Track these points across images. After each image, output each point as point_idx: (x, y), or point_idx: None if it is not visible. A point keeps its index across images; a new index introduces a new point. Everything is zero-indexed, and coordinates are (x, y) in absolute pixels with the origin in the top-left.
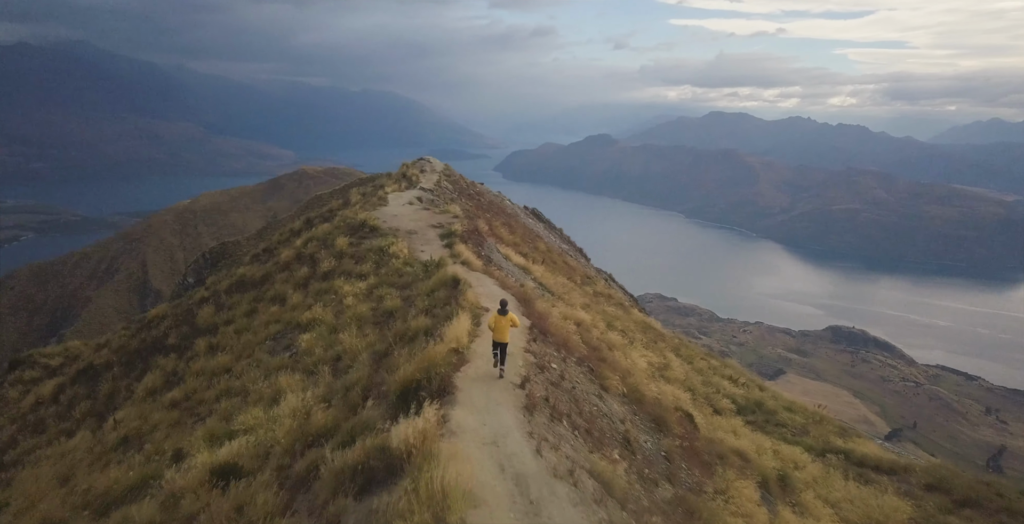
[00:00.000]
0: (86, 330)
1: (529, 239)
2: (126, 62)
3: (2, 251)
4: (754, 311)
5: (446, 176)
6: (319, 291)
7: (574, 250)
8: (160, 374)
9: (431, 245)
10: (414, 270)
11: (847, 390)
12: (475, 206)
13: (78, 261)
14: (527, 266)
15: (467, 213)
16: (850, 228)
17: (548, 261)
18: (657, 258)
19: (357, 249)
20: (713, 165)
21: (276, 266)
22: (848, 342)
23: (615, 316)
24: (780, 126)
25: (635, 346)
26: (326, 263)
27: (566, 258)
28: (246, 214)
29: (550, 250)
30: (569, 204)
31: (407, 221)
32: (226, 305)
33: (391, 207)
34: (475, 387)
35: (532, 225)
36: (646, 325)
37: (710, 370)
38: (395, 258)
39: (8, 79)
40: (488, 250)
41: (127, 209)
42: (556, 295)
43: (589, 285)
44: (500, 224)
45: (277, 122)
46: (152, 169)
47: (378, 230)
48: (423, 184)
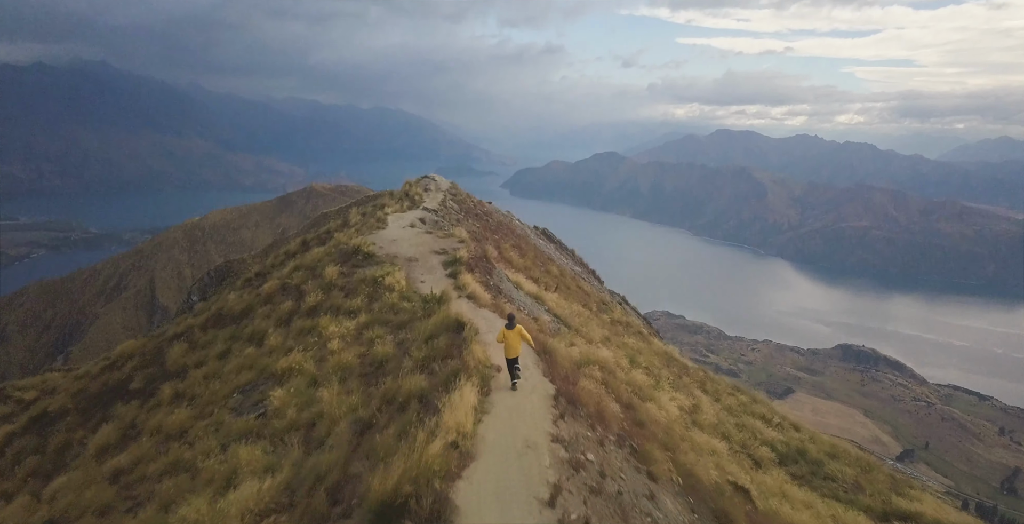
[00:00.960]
0: (93, 347)
1: (540, 262)
2: (143, 80)
3: (14, 268)
4: (763, 329)
5: (451, 195)
6: (302, 330)
7: (587, 272)
8: (117, 427)
9: (433, 274)
10: (412, 306)
11: (858, 409)
12: (483, 227)
13: (87, 278)
14: (540, 295)
15: (474, 235)
16: (860, 245)
17: (561, 286)
18: (666, 275)
19: (348, 280)
20: (723, 182)
21: (258, 298)
22: (858, 361)
23: (636, 349)
24: (788, 144)
25: (662, 386)
26: (312, 296)
27: (579, 282)
28: (255, 231)
29: (563, 274)
30: (577, 221)
31: (407, 246)
32: (200, 343)
33: (390, 230)
34: (484, 506)
35: (543, 246)
36: (668, 356)
37: (739, 407)
38: (390, 291)
39: (26, 98)
40: (497, 279)
41: (141, 225)
42: (573, 328)
43: (606, 312)
44: (509, 246)
45: (290, 139)
46: (167, 185)
47: (373, 257)
48: (427, 204)
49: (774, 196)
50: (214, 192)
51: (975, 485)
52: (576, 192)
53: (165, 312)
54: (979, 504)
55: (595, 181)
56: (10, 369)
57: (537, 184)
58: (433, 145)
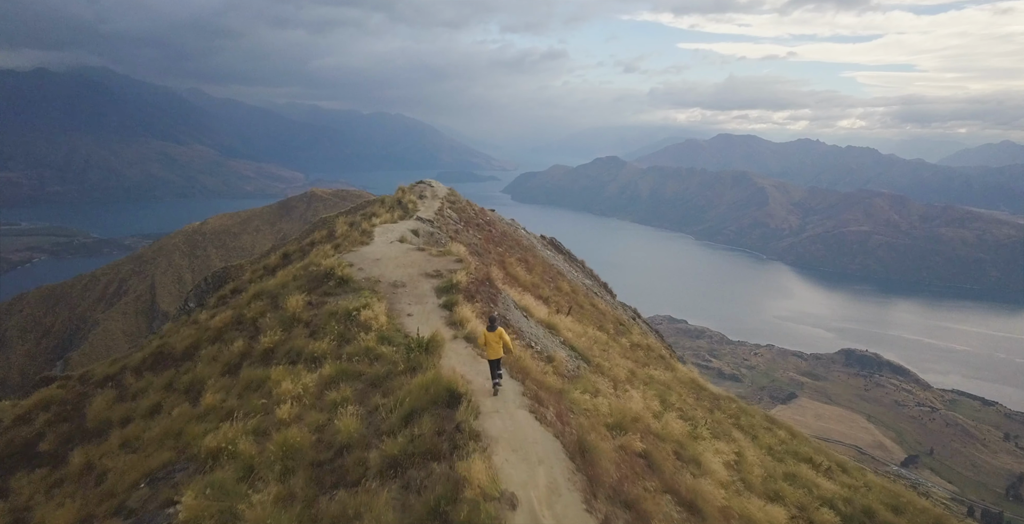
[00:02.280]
0: (93, 353)
1: (550, 277)
2: (145, 87)
3: (14, 273)
4: (765, 334)
5: (450, 203)
6: (249, 384)
7: (598, 285)
8: (4, 510)
9: (423, 304)
10: (393, 352)
11: (861, 414)
12: (485, 238)
13: (87, 283)
14: (553, 323)
15: (474, 249)
16: (862, 250)
17: (574, 306)
18: (667, 280)
19: (316, 313)
20: (724, 187)
21: (206, 334)
22: (861, 366)
23: (664, 382)
24: (789, 148)
25: (701, 433)
26: (269, 336)
27: (593, 299)
28: (256, 236)
29: (575, 290)
30: (578, 226)
31: (393, 267)
32: (131, 392)
33: (375, 246)
34: None
35: (551, 258)
36: (695, 385)
37: (781, 448)
38: (366, 330)
39: (28, 104)
40: (503, 307)
41: (142, 231)
42: (594, 364)
43: (624, 334)
44: (515, 261)
45: (291, 145)
46: (168, 191)
47: (350, 283)
48: (421, 213)
49: (775, 201)
50: (215, 198)
51: (980, 491)
52: (577, 197)
53: (166, 317)
54: (985, 510)
55: (596, 186)
56: (10, 374)
57: (538, 189)
58: (434, 150)
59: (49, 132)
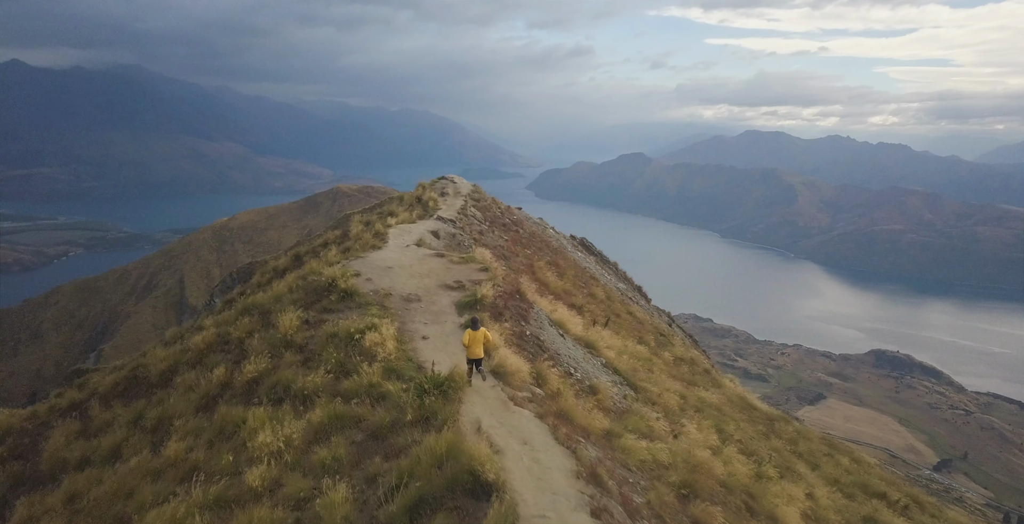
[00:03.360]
0: (124, 346)
1: (582, 282)
2: (177, 85)
3: (51, 267)
4: (792, 333)
5: (474, 201)
6: (223, 427)
7: (632, 289)
8: None
9: (442, 325)
10: (401, 392)
11: (892, 417)
12: (512, 240)
13: (119, 277)
14: (591, 341)
15: (500, 251)
16: (894, 249)
17: (611, 315)
18: (693, 278)
19: (313, 334)
20: (752, 184)
21: (186, 356)
22: (892, 367)
23: (718, 407)
24: (819, 145)
25: (767, 473)
26: (254, 363)
27: (630, 306)
28: (282, 231)
29: (609, 297)
30: (603, 223)
31: (407, 277)
32: (96, 424)
33: (388, 250)
34: None
35: (582, 260)
36: (746, 404)
37: (848, 479)
38: (371, 359)
39: (66, 102)
40: (536, 325)
41: (173, 226)
42: (641, 390)
43: (666, 347)
44: (545, 264)
45: (318, 141)
46: (198, 187)
47: (355, 296)
48: (442, 212)
49: (804, 199)
50: (244, 194)
51: (1017, 498)
52: (602, 194)
53: (194, 311)
54: (1021, 517)
55: (621, 183)
56: (45, 365)
57: (562, 186)
58: (459, 147)
59: (85, 129)
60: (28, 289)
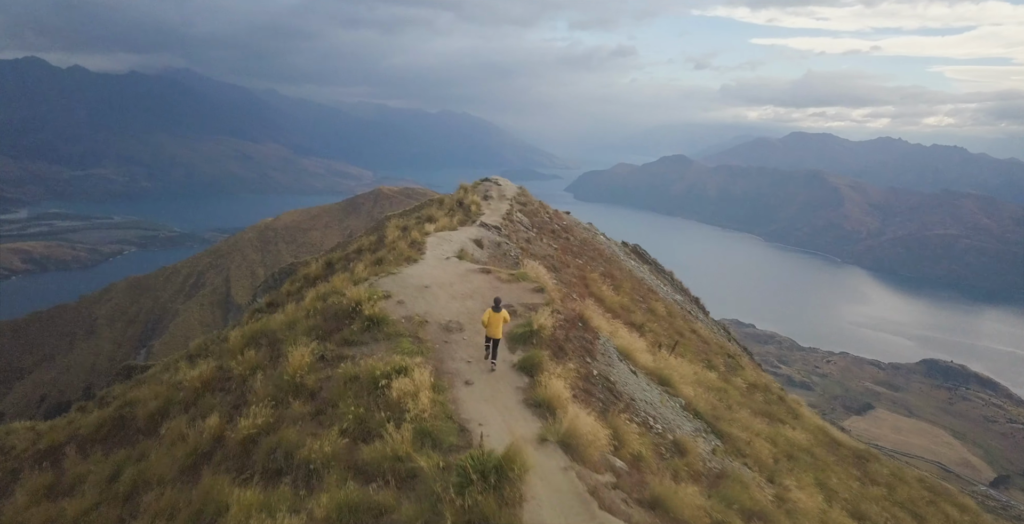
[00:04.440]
0: (172, 342)
1: (640, 296)
2: (224, 88)
3: (106, 265)
4: (839, 340)
5: (520, 204)
6: (202, 509)
7: (690, 301)
8: None
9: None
10: (436, 470)
11: (944, 429)
12: (562, 248)
13: (169, 275)
14: (664, 375)
15: (550, 261)
16: (947, 255)
17: (675, 334)
18: (735, 282)
19: (329, 375)
20: (796, 187)
21: (180, 396)
22: (945, 377)
23: (808, 450)
24: (868, 147)
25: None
26: (253, 414)
27: (693, 324)
28: (324, 232)
29: (671, 313)
30: (643, 225)
31: (447, 299)
32: (68, 479)
33: (425, 264)
34: None
35: (636, 269)
36: (831, 440)
37: None
38: (397, 414)
39: (122, 105)
40: (605, 362)
41: (219, 225)
42: (726, 437)
43: (737, 372)
44: (599, 276)
45: (359, 143)
46: (243, 187)
47: (384, 324)
48: (486, 217)
49: (851, 202)
50: (287, 194)
51: None
52: (641, 196)
53: (240, 310)
54: None
55: (661, 184)
56: (99, 360)
57: (601, 188)
58: (498, 149)
59: (139, 131)
60: (85, 285)
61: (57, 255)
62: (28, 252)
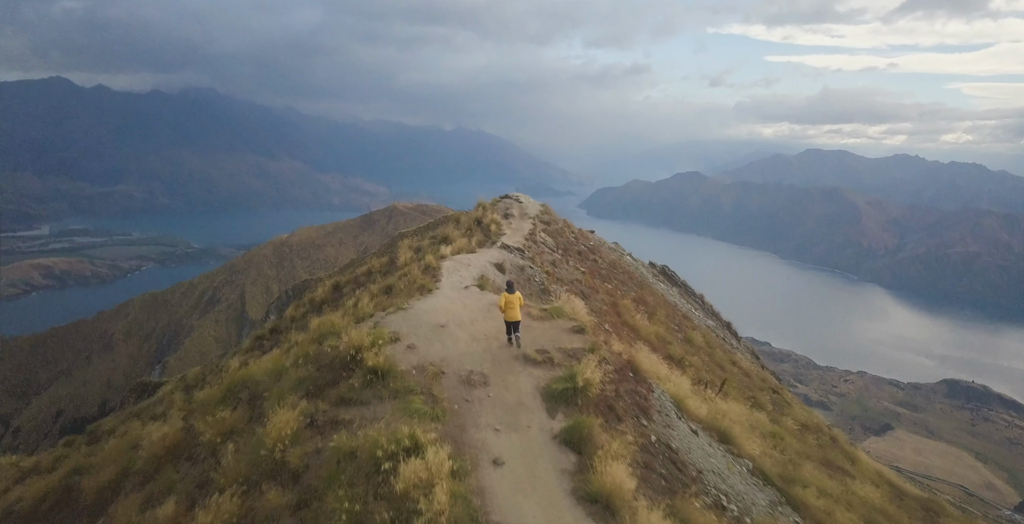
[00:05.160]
0: (187, 358)
1: (675, 324)
2: (244, 105)
3: (125, 280)
4: (857, 359)
5: (543, 224)
6: None
7: (722, 327)
8: None
9: (524, 432)
10: None
11: (967, 451)
12: (590, 271)
13: (185, 291)
14: (721, 426)
15: (578, 287)
16: (968, 273)
17: (716, 367)
18: (750, 299)
19: (319, 448)
20: (812, 203)
21: (138, 466)
22: (967, 398)
23: (883, 511)
24: (885, 164)
25: None
26: (211, 509)
27: (732, 355)
28: (339, 248)
29: (709, 343)
30: (657, 242)
31: (466, 341)
32: None
33: (441, 295)
34: None
35: (665, 292)
36: (896, 491)
37: None
38: (404, 517)
39: (144, 123)
40: (662, 421)
41: (237, 241)
42: (804, 509)
43: (785, 409)
44: (631, 302)
45: (376, 159)
46: (261, 203)
47: (389, 378)
48: (507, 237)
49: (869, 218)
50: (304, 210)
51: None
52: (656, 212)
53: (254, 325)
54: None
55: (676, 201)
56: (115, 376)
57: (615, 204)
58: (512, 165)
59: (160, 148)
60: (103, 301)
61: (77, 271)
62: (49, 268)
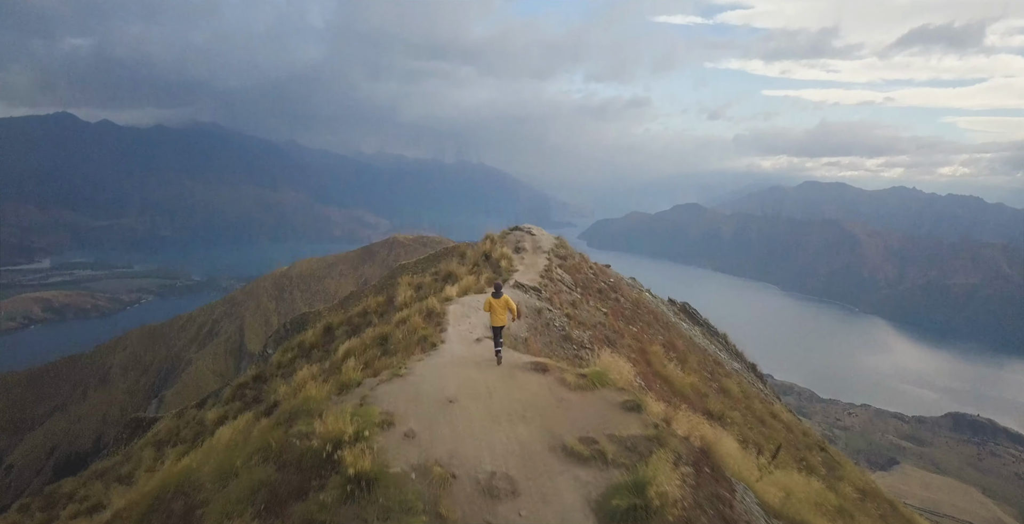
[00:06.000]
0: (184, 392)
1: (708, 371)
2: (247, 139)
3: (124, 313)
4: (860, 392)
5: (559, 258)
6: None
7: (747, 369)
8: None
9: None
10: None
11: (975, 486)
12: (613, 312)
13: (184, 324)
14: (799, 516)
15: (602, 332)
16: (969, 305)
17: (759, 422)
18: (750, 331)
19: None
20: (811, 235)
21: None
22: (973, 432)
23: None
24: (883, 196)
25: None
26: None
27: (770, 404)
28: (340, 280)
29: (745, 392)
30: (657, 273)
31: (482, 421)
32: None
33: (447, 351)
34: None
35: (688, 331)
36: None
37: None
38: None
39: (147, 157)
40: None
41: (238, 273)
42: None
43: (838, 472)
44: (660, 347)
45: (377, 191)
46: (262, 234)
47: (378, 487)
48: (521, 275)
49: (868, 250)
50: (304, 241)
51: None
52: (655, 244)
53: (252, 358)
54: None
55: (675, 232)
56: (111, 411)
57: (615, 235)
58: (511, 196)
59: (163, 180)
60: (102, 334)
61: (77, 304)
62: (49, 301)
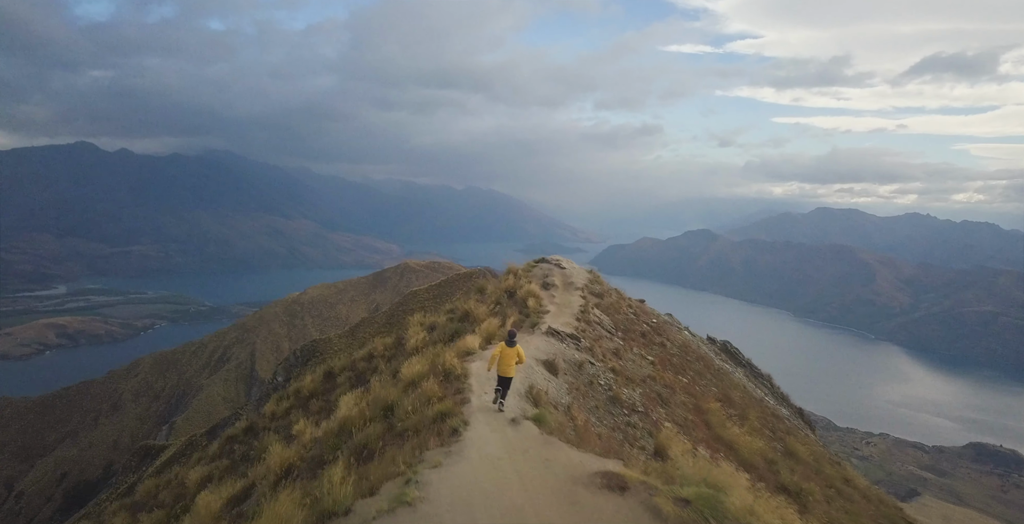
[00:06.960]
0: (195, 418)
1: (768, 425)
2: (260, 167)
3: (137, 339)
4: (877, 421)
5: (594, 296)
6: None
7: (794, 414)
8: None
9: None
10: None
11: (998, 520)
12: (660, 359)
13: (196, 350)
14: None
15: (652, 389)
16: (987, 333)
17: (837, 495)
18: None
19: None
20: (824, 261)
21: None
22: (995, 463)
23: None
24: (896, 223)
25: None
26: None
27: (841, 468)
28: (351, 306)
29: (815, 455)
30: (669, 300)
31: None
32: None
33: (473, 445)
34: None
35: (731, 373)
36: None
37: None
38: None
39: (162, 186)
40: None
41: (249, 300)
42: None
43: None
44: (715, 401)
45: (387, 218)
46: (274, 262)
47: None
48: (552, 317)
49: (882, 277)
50: (316, 269)
51: None
52: (666, 270)
53: (263, 384)
54: None
55: (686, 259)
56: (122, 437)
57: (625, 261)
58: (521, 223)
59: (177, 209)
60: (115, 360)
61: (90, 330)
62: (63, 327)
